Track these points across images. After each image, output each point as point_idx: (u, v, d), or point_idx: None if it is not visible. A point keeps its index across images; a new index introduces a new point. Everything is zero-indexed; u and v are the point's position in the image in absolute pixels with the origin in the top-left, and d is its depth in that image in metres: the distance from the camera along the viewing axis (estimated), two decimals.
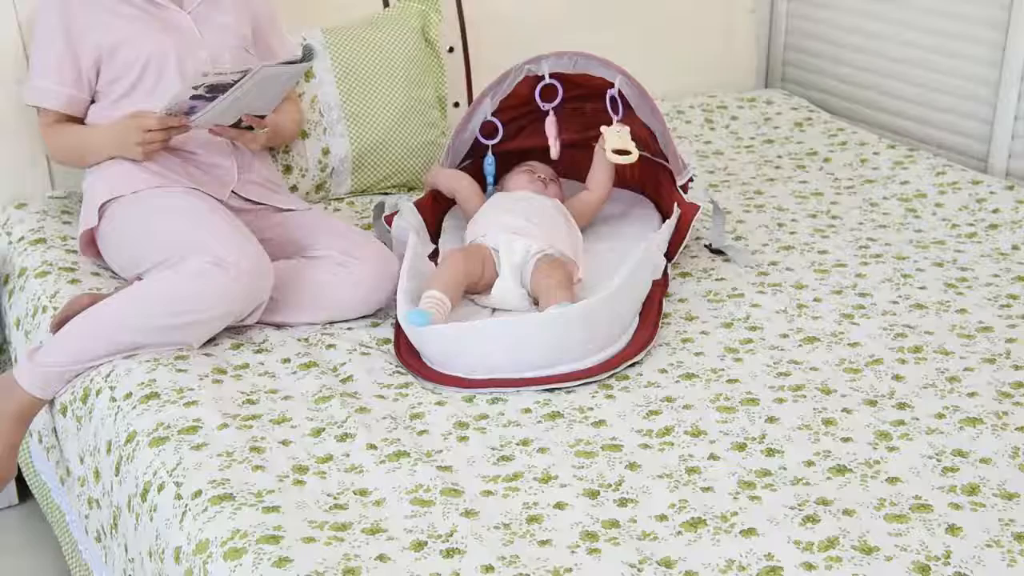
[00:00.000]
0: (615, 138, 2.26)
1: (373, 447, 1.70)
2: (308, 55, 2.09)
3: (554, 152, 2.38)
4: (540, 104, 2.39)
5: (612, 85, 2.30)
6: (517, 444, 1.73)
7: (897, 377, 1.89)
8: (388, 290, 2.12)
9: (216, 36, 2.25)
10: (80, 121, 2.25)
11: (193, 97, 2.01)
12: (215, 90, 2.00)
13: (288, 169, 2.56)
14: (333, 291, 2.08)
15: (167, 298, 1.93)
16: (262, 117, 2.17)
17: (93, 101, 2.24)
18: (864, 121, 3.21)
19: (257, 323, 2.07)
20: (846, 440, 1.72)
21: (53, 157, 2.34)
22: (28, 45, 2.38)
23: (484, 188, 2.45)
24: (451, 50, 2.90)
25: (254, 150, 2.28)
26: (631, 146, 2.25)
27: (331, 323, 2.10)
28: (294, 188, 2.57)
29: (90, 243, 2.21)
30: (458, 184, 2.39)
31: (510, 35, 2.92)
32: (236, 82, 1.99)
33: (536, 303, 2.09)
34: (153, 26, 2.20)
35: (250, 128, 2.17)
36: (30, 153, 2.49)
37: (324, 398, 1.84)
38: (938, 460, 1.67)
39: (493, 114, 2.41)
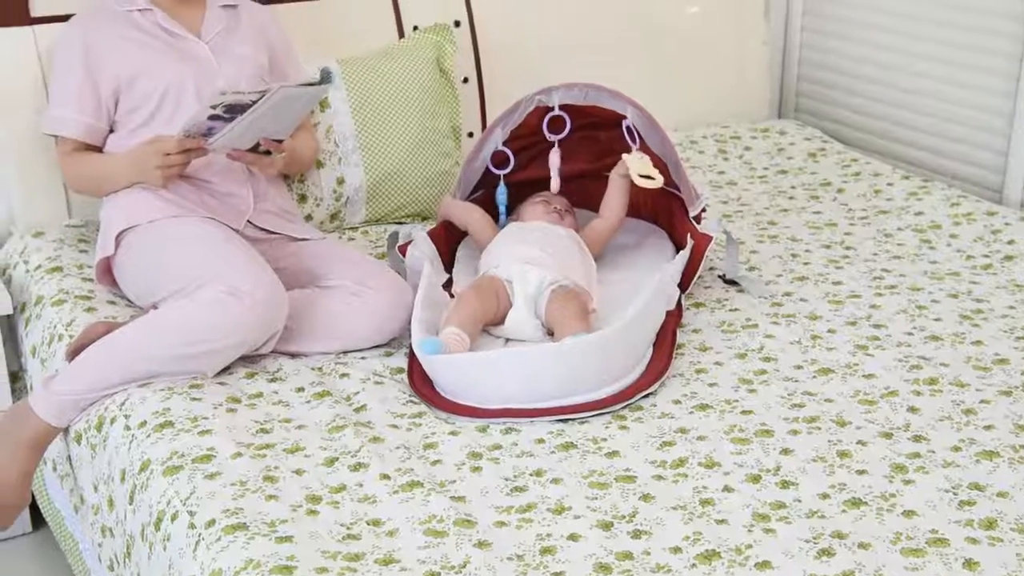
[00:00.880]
0: (638, 163, 2.27)
1: (386, 477, 1.70)
2: (326, 78, 2.10)
3: (554, 186, 2.39)
4: (547, 135, 2.41)
5: (623, 116, 2.32)
6: (530, 475, 1.72)
7: (912, 409, 1.89)
8: (402, 320, 2.12)
9: (233, 66, 2.27)
10: (98, 150, 2.27)
11: (211, 118, 2.02)
12: (233, 110, 2.01)
13: (303, 198, 2.57)
14: (347, 321, 2.09)
15: (182, 327, 1.94)
16: (280, 141, 2.18)
17: (112, 131, 2.26)
18: (878, 152, 3.21)
19: (271, 352, 2.07)
20: (861, 473, 1.71)
21: (71, 186, 2.36)
22: (48, 75, 2.40)
23: (496, 218, 2.46)
24: (465, 80, 2.91)
25: (271, 175, 2.29)
26: (654, 171, 2.26)
27: (345, 352, 2.10)
28: (309, 217, 2.58)
29: (106, 271, 2.22)
30: (469, 216, 2.40)
31: (524, 66, 2.93)
32: (255, 102, 2.01)
33: (550, 334, 2.09)
34: (171, 56, 2.23)
35: (268, 152, 2.18)
36: (48, 182, 2.51)
37: (338, 427, 1.84)
38: (955, 493, 1.66)
39: (504, 144, 2.42)
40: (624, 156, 2.29)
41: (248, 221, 2.23)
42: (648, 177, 2.25)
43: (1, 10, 2.44)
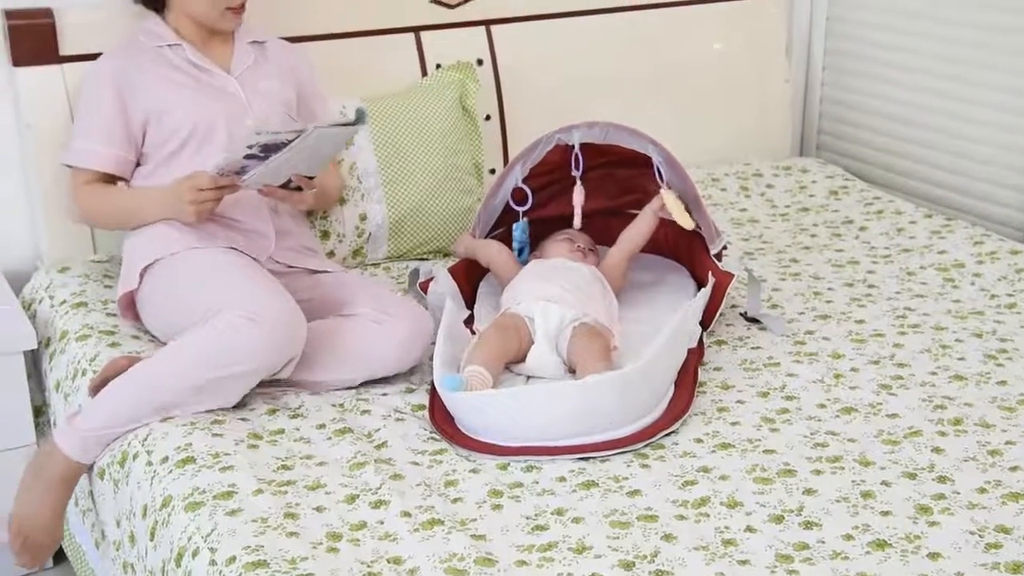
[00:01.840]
0: (675, 201, 2.29)
1: (407, 514, 1.70)
2: (360, 118, 2.12)
3: (577, 222, 2.40)
4: (573, 171, 2.42)
5: (642, 153, 2.33)
6: (552, 513, 1.72)
7: (937, 450, 1.87)
8: (423, 347, 2.13)
9: (262, 102, 2.30)
10: (113, 181, 2.28)
11: (247, 156, 2.04)
12: (268, 149, 2.03)
13: (326, 235, 2.59)
14: (369, 347, 2.09)
15: (202, 353, 1.94)
16: (311, 178, 2.20)
17: (138, 164, 2.28)
18: (900, 190, 3.20)
19: (294, 386, 2.07)
20: (885, 514, 1.70)
21: (85, 218, 2.34)
22: (74, 108, 2.43)
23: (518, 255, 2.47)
24: (488, 118, 2.93)
25: (301, 210, 2.31)
26: (683, 211, 2.30)
27: (366, 388, 2.10)
28: (331, 253, 2.59)
29: (129, 306, 2.24)
30: (492, 253, 2.41)
31: (546, 104, 2.95)
32: (290, 142, 2.03)
33: (572, 371, 2.09)
34: (201, 92, 2.25)
35: (298, 188, 2.19)
36: (72, 218, 2.53)
37: (359, 464, 1.84)
38: (980, 536, 1.64)
39: (524, 181, 2.43)
40: (663, 192, 2.30)
41: (269, 256, 2.25)
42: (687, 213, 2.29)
43: (31, 49, 2.47)
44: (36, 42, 2.47)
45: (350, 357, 2.09)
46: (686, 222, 2.28)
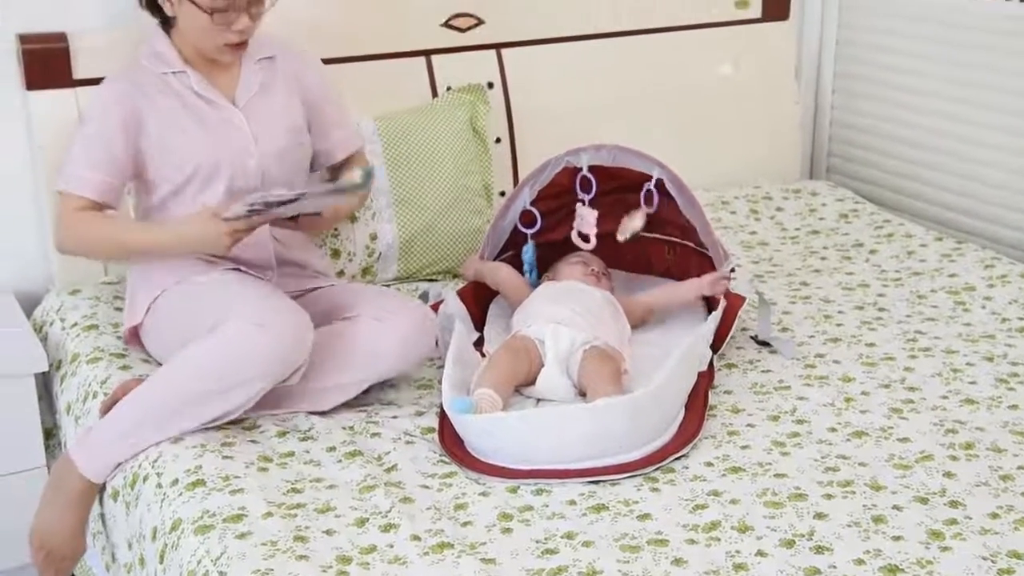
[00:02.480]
0: (628, 224, 2.37)
1: (417, 538, 1.70)
2: (366, 181, 2.08)
3: (591, 242, 2.41)
4: (579, 194, 2.42)
5: (650, 177, 2.34)
6: (562, 537, 1.71)
7: (948, 474, 1.86)
8: (427, 342, 2.13)
9: (267, 134, 2.23)
10: (100, 208, 2.15)
11: (249, 211, 2.03)
12: (270, 205, 2.03)
13: (336, 253, 2.59)
14: (372, 346, 2.09)
15: (210, 362, 1.95)
16: (318, 214, 2.20)
17: (136, 192, 2.26)
18: (910, 213, 3.20)
19: (305, 403, 2.08)
20: (897, 539, 1.69)
21: (70, 246, 2.16)
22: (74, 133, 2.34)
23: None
24: (498, 141, 2.94)
25: (315, 233, 2.30)
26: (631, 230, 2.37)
27: (376, 411, 2.10)
28: (341, 272, 2.60)
29: (134, 336, 2.25)
30: (495, 277, 2.41)
31: (556, 127, 2.96)
32: (290, 201, 2.03)
33: (582, 394, 2.09)
34: (206, 129, 2.18)
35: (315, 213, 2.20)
36: None
37: (368, 487, 1.84)
38: (992, 561, 1.63)
39: (532, 204, 2.44)
40: (626, 217, 2.37)
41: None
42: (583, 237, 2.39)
43: (45, 73, 2.48)
44: (50, 66, 2.49)
45: (354, 358, 2.09)
46: (620, 234, 2.36)
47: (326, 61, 2.72)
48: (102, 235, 2.14)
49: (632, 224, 2.37)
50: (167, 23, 2.21)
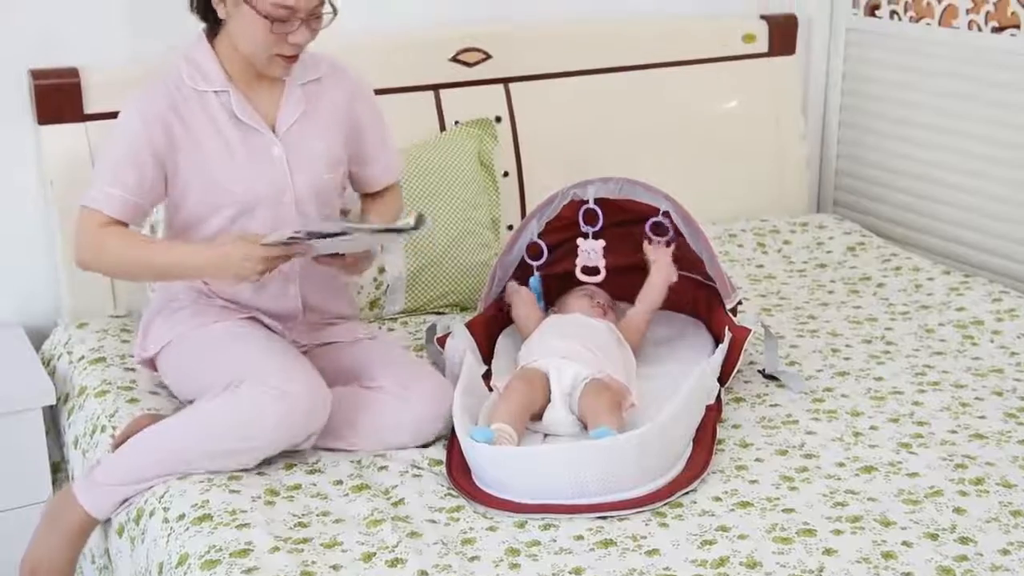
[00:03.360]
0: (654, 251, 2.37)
1: (424, 573, 1.69)
2: (420, 224, 2.01)
3: (600, 275, 2.41)
4: (583, 227, 2.43)
5: (658, 210, 2.34)
6: (569, 572, 1.70)
7: (958, 510, 1.85)
8: (444, 422, 2.11)
9: (306, 170, 2.14)
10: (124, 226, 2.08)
11: (291, 240, 1.97)
12: (313, 236, 1.98)
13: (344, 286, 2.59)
14: (387, 422, 2.08)
15: (225, 425, 1.94)
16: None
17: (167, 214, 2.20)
18: (917, 246, 3.20)
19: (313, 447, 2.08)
20: (907, 575, 1.68)
21: (92, 263, 2.09)
22: (103, 147, 2.20)
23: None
24: (506, 175, 2.95)
25: (355, 275, 2.26)
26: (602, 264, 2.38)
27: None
28: None
29: (147, 362, 2.24)
30: (518, 306, 2.41)
31: (564, 161, 2.97)
32: (334, 235, 1.98)
33: (586, 427, 2.08)
34: (242, 161, 2.09)
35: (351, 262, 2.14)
36: (93, 273, 2.55)
37: (376, 521, 1.83)
38: None
39: (539, 236, 2.44)
40: (646, 247, 2.36)
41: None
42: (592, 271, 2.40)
43: (57, 107, 2.50)
44: (61, 101, 2.51)
45: (367, 431, 2.08)
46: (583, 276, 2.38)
47: None
48: (126, 251, 2.05)
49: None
50: (213, 31, 2.10)
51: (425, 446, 2.09)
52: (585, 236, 2.44)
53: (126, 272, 2.16)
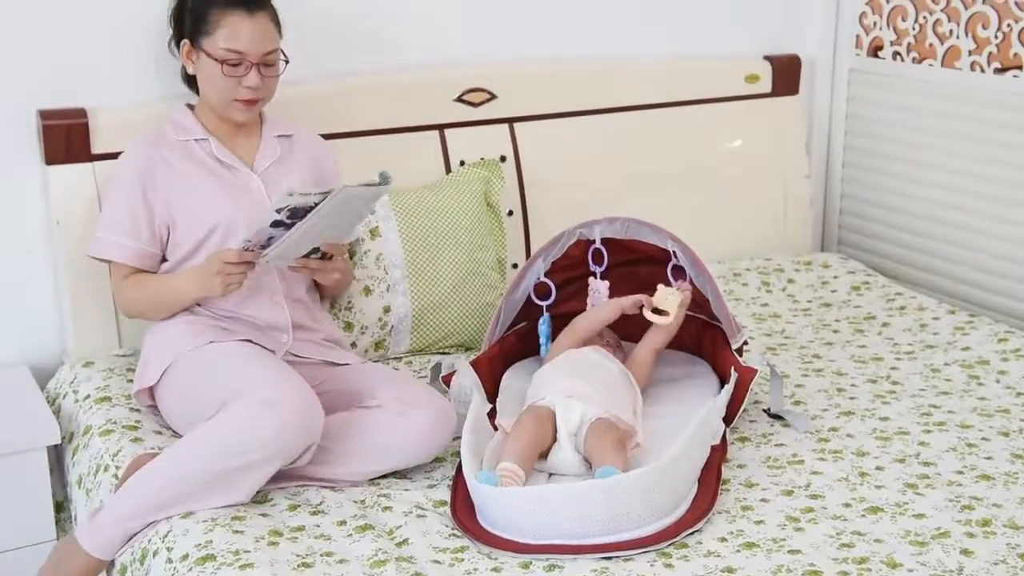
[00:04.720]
0: (661, 297, 2.35)
1: None
2: (385, 180, 2.15)
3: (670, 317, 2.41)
4: (591, 267, 2.43)
5: (664, 249, 2.35)
6: None
7: (966, 552, 1.84)
8: (446, 438, 2.13)
9: None
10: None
11: (274, 224, 2.06)
12: (296, 214, 2.06)
13: (349, 326, 2.60)
14: (390, 440, 2.09)
15: (219, 441, 1.95)
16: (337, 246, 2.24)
17: (163, 259, 2.31)
18: (922, 285, 3.20)
19: (314, 480, 2.07)
20: None
21: (126, 311, 2.35)
22: (102, 198, 2.46)
23: (536, 350, 2.47)
24: (511, 213, 2.96)
25: (332, 281, 2.31)
26: (673, 307, 2.33)
27: (388, 483, 2.09)
28: (353, 344, 2.60)
29: (148, 394, 2.26)
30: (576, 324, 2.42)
31: (569, 200, 2.98)
32: (317, 204, 2.05)
33: (591, 467, 2.08)
34: (223, 192, 2.28)
35: (329, 257, 2.23)
36: (99, 312, 2.56)
37: (380, 562, 1.82)
38: None
39: (546, 276, 2.45)
40: (659, 286, 2.34)
41: (287, 351, 2.27)
42: (658, 312, 2.34)
43: (64, 148, 2.52)
44: (69, 141, 2.52)
45: (371, 450, 2.09)
46: (651, 316, 2.34)
47: (340, 136, 2.77)
48: (143, 295, 2.27)
49: (660, 298, 2.37)
50: (195, 90, 2.34)
51: (431, 487, 2.08)
52: (594, 275, 2.45)
53: (152, 311, 2.30)
